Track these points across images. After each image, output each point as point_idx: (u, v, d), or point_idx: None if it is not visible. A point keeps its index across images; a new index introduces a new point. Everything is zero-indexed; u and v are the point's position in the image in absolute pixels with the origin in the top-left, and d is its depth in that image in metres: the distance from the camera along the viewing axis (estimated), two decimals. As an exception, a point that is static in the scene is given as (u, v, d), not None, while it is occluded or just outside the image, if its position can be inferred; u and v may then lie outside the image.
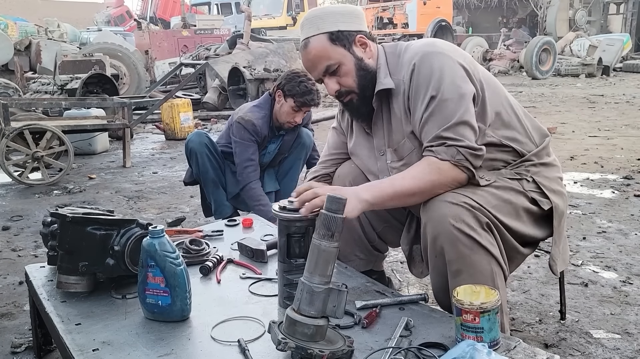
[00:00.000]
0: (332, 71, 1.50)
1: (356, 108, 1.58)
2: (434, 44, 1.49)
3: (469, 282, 1.33)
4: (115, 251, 1.48)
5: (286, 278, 1.34)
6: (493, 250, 1.38)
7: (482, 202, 1.38)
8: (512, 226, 1.43)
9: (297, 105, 2.62)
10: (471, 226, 1.34)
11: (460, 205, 1.34)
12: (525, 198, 1.48)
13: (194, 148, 2.68)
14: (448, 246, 1.36)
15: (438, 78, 1.41)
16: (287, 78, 2.65)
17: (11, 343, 1.88)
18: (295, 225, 1.33)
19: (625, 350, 1.75)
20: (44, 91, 7.28)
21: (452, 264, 1.37)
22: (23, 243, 3.04)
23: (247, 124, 2.64)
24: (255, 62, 8.13)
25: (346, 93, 1.53)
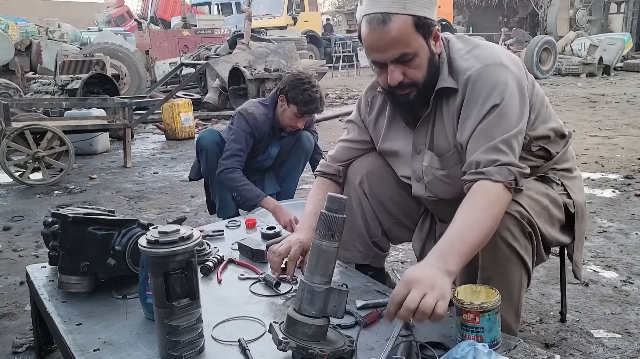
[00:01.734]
0: (403, 60, 1.36)
1: (410, 104, 1.46)
2: (498, 56, 1.42)
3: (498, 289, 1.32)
4: (116, 252, 1.48)
5: (169, 326, 1.15)
6: (527, 259, 1.37)
7: (528, 209, 1.36)
8: (545, 233, 1.42)
9: (299, 112, 2.61)
10: (515, 236, 1.33)
11: (511, 214, 1.32)
12: (556, 204, 1.46)
13: (205, 145, 2.68)
14: (487, 253, 1.32)
15: (500, 93, 1.36)
16: (290, 84, 2.60)
17: (12, 343, 1.88)
18: (174, 260, 1.14)
19: (625, 350, 1.75)
20: (44, 91, 7.29)
21: (486, 270, 1.35)
22: (24, 243, 3.04)
23: (248, 117, 2.62)
24: (256, 62, 8.13)
25: (408, 86, 1.41)
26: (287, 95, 2.59)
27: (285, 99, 2.61)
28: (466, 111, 1.40)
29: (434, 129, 1.50)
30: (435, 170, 1.52)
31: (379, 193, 1.75)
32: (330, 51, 18.60)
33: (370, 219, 1.77)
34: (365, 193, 1.75)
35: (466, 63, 1.41)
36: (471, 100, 1.38)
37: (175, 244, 1.14)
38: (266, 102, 2.74)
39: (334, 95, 10.87)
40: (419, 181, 1.58)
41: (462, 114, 1.41)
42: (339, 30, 23.46)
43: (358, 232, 1.78)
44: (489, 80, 1.37)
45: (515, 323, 1.43)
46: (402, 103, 1.47)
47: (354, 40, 18.22)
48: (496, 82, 1.37)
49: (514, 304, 1.42)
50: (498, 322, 1.16)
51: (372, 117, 1.67)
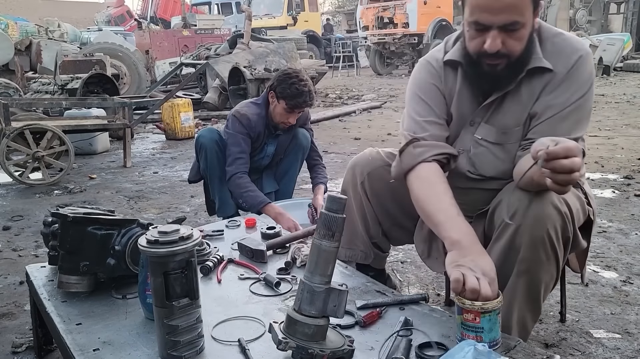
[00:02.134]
0: (511, 29, 1.31)
1: (495, 75, 1.40)
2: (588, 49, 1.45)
3: (532, 285, 1.34)
4: (116, 251, 1.48)
5: (169, 326, 1.15)
6: (560, 266, 1.37)
7: (572, 211, 1.35)
8: (578, 236, 1.42)
9: (288, 107, 2.62)
10: (558, 239, 1.32)
11: (563, 215, 1.31)
12: (583, 209, 1.46)
13: (205, 143, 2.69)
14: (530, 246, 1.31)
15: (589, 87, 1.41)
16: (278, 79, 2.63)
17: (12, 342, 1.88)
18: (174, 260, 1.14)
19: (625, 350, 1.75)
20: (44, 91, 7.29)
21: (523, 263, 1.33)
22: (24, 243, 3.04)
23: (242, 118, 2.65)
24: (256, 61, 8.13)
25: (501, 56, 1.36)
26: (276, 91, 2.62)
27: (275, 95, 2.63)
28: (558, 91, 1.41)
29: (503, 104, 1.47)
30: (487, 143, 1.50)
31: (379, 194, 1.75)
32: (330, 51, 18.62)
33: (370, 220, 1.77)
34: (367, 194, 1.76)
35: (571, 45, 1.43)
36: (569, 84, 1.40)
37: (175, 244, 1.14)
38: (258, 101, 2.76)
39: (334, 95, 10.87)
40: (463, 152, 1.55)
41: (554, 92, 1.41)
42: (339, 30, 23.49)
43: (359, 232, 1.79)
44: (587, 70, 1.41)
45: (532, 322, 1.43)
46: (486, 73, 1.41)
47: (354, 40, 18.24)
48: (591, 74, 1.42)
49: (537, 307, 1.41)
50: (498, 323, 1.16)
51: (448, 87, 1.57)
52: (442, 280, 2.29)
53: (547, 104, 1.42)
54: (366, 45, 16.55)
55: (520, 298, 1.37)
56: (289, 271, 1.64)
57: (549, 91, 1.43)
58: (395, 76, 15.82)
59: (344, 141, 6.08)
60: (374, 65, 16.42)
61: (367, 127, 6.99)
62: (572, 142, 1.12)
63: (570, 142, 1.12)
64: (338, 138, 6.28)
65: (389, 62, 16.60)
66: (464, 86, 1.54)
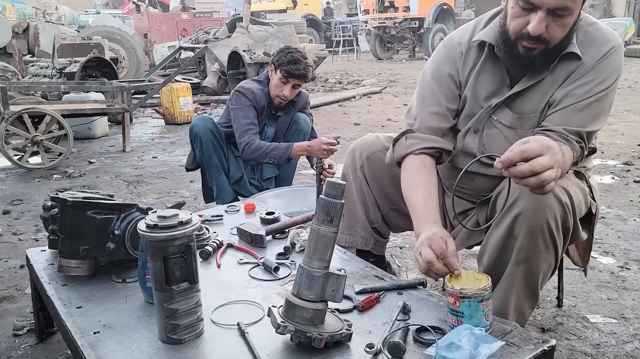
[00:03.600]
0: (559, 14, 1.29)
1: (529, 60, 1.37)
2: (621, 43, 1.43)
3: (530, 273, 1.35)
4: (116, 236, 1.48)
5: (168, 309, 1.16)
6: (559, 255, 1.37)
7: (574, 202, 1.35)
8: (578, 227, 1.42)
9: (283, 75, 2.63)
10: (558, 228, 1.32)
11: (563, 205, 1.31)
12: (586, 201, 1.46)
13: (199, 132, 2.67)
14: (528, 235, 1.31)
15: (614, 81, 1.39)
16: (279, 53, 2.70)
17: (13, 325, 1.90)
18: (173, 244, 1.15)
19: (621, 334, 1.77)
20: (42, 74, 7.25)
21: (522, 252, 1.34)
22: (24, 226, 3.05)
23: (246, 92, 2.67)
24: (255, 45, 8.07)
25: (541, 41, 1.33)
26: (274, 61, 2.67)
27: (273, 67, 2.68)
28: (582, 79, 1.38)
29: (527, 90, 1.46)
30: (502, 125, 1.50)
31: (378, 178, 1.76)
32: (330, 35, 18.47)
33: (370, 204, 1.78)
34: (366, 178, 1.76)
35: (604, 36, 1.40)
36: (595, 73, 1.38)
37: (174, 228, 1.14)
38: (260, 78, 2.81)
39: (333, 80, 10.82)
40: (476, 132, 1.54)
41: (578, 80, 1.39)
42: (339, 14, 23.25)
43: (359, 217, 1.79)
44: (616, 63, 1.40)
45: (530, 309, 1.43)
46: (520, 56, 1.38)
47: (355, 24, 18.09)
48: (619, 67, 1.40)
49: (535, 295, 1.41)
50: (483, 311, 1.15)
51: (467, 69, 1.55)
52: (441, 265, 2.30)
53: (567, 92, 1.39)
54: (366, 29, 16.42)
55: (519, 286, 1.37)
56: (287, 256, 1.65)
57: (572, 80, 1.40)
58: (395, 61, 15.73)
59: (343, 126, 6.06)
60: (374, 50, 16.31)
61: (367, 113, 6.96)
62: (538, 142, 1.12)
63: (536, 141, 1.12)
64: (338, 123, 6.26)
65: (390, 47, 16.48)
66: (486, 67, 1.51)
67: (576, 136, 1.36)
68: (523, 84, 1.46)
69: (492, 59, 1.50)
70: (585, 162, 1.55)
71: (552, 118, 1.40)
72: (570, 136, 1.35)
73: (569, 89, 1.40)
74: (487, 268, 1.42)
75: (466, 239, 1.65)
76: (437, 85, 1.57)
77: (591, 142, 1.43)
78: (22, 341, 1.81)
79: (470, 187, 1.62)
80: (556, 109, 1.40)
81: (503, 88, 1.51)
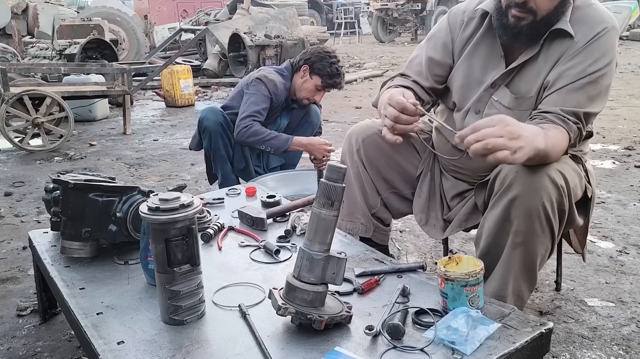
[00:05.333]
0: None
1: (517, 30, 1.42)
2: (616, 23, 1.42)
3: (528, 256, 1.36)
4: (118, 218, 1.49)
5: (170, 291, 1.18)
6: (555, 238, 1.38)
7: (571, 184, 1.36)
8: (574, 211, 1.42)
9: (322, 85, 2.61)
10: (554, 211, 1.33)
11: (558, 187, 1.31)
12: (581, 185, 1.46)
13: (209, 126, 2.63)
14: (525, 218, 1.32)
15: (608, 63, 1.39)
16: (317, 55, 2.61)
17: (17, 306, 1.92)
18: (175, 227, 1.16)
19: (618, 318, 1.79)
20: (42, 56, 7.21)
21: (518, 235, 1.35)
22: (25, 208, 3.06)
23: (269, 83, 2.62)
24: (256, 27, 8.00)
25: (528, 11, 1.38)
26: (313, 66, 2.60)
27: (310, 70, 2.61)
28: (575, 59, 1.39)
29: (523, 69, 1.49)
30: (501, 106, 1.51)
31: (374, 160, 1.76)
32: (332, 17, 18.28)
33: (368, 188, 1.78)
34: (363, 162, 1.76)
35: (599, 16, 1.41)
36: (587, 53, 1.38)
37: (175, 211, 1.15)
38: (284, 72, 2.72)
39: (335, 63, 10.75)
40: (478, 113, 1.56)
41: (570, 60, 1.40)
42: (341, -4, 22.98)
43: (358, 203, 1.79)
44: (609, 44, 1.39)
45: (528, 292, 1.45)
46: (509, 26, 1.43)
47: (356, 6, 17.90)
48: (612, 49, 1.40)
49: (533, 278, 1.42)
50: (467, 296, 1.16)
51: (464, 37, 1.61)
52: (440, 249, 2.32)
53: (561, 74, 1.40)
54: (368, 11, 16.25)
55: (516, 269, 1.38)
56: (288, 239, 1.66)
57: (565, 60, 1.41)
58: (397, 44, 15.60)
59: (344, 110, 6.05)
60: (376, 32, 16.17)
61: (368, 96, 6.93)
62: (491, 117, 1.21)
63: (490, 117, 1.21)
64: (339, 107, 6.24)
65: (392, 29, 16.33)
66: (485, 40, 1.55)
67: (573, 116, 1.36)
68: (519, 61, 1.47)
69: (491, 31, 1.53)
70: (582, 146, 1.56)
71: (547, 101, 1.41)
72: (567, 116, 1.36)
73: (562, 70, 1.40)
74: (484, 251, 1.43)
75: (464, 221, 1.65)
76: (427, 50, 1.67)
77: (589, 124, 1.44)
78: (26, 322, 1.84)
79: (467, 166, 1.63)
80: (551, 91, 1.41)
81: (499, 62, 1.53)
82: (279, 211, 1.84)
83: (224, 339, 1.14)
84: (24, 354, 1.65)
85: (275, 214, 1.83)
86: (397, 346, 1.07)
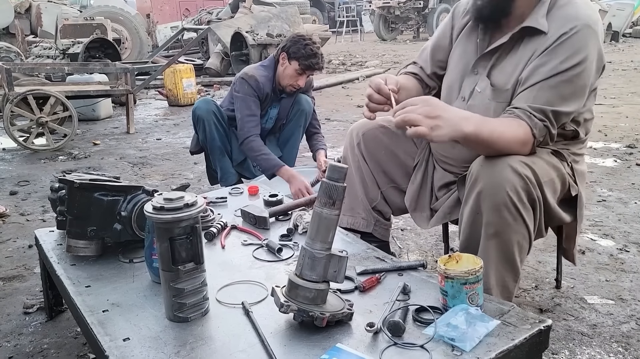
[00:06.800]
0: None
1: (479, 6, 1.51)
2: (597, 22, 1.41)
3: (504, 247, 1.38)
4: (123, 217, 1.51)
5: (175, 289, 1.20)
6: (530, 227, 1.40)
7: (540, 176, 1.38)
8: (550, 203, 1.44)
9: (301, 68, 2.63)
10: (522, 200, 1.35)
11: (523, 177, 1.34)
12: (562, 180, 1.48)
13: (202, 115, 2.69)
14: (493, 210, 1.35)
15: (580, 61, 1.38)
16: (292, 40, 2.66)
17: (23, 303, 1.95)
18: (179, 226, 1.18)
19: (618, 315, 1.80)
20: (46, 55, 7.24)
21: (490, 227, 1.37)
22: (31, 207, 3.09)
23: (250, 79, 2.66)
24: (258, 26, 8.02)
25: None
26: (289, 51, 2.64)
27: (287, 56, 2.65)
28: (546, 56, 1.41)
29: (502, 61, 1.52)
30: (484, 97, 1.54)
31: (375, 154, 1.81)
32: (334, 15, 18.28)
33: (369, 182, 1.82)
34: (363, 155, 1.81)
35: (576, 12, 1.41)
36: (558, 51, 1.40)
37: (180, 210, 1.17)
38: (265, 63, 2.79)
39: (337, 62, 10.75)
40: (464, 100, 1.60)
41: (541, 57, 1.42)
42: (343, -6, 22.94)
43: (359, 197, 1.83)
44: (582, 41, 1.39)
45: (513, 282, 1.46)
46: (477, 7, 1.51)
47: (358, 5, 17.89)
48: (586, 47, 1.39)
49: (515, 267, 1.44)
50: (467, 294, 1.18)
51: (462, 23, 1.68)
52: (441, 248, 2.34)
53: (533, 70, 1.42)
54: (370, 9, 16.24)
55: (495, 260, 1.40)
56: (290, 238, 1.68)
57: (537, 55, 1.43)
58: (399, 42, 15.59)
59: (346, 108, 6.06)
60: (378, 30, 16.16)
61: (370, 94, 6.93)
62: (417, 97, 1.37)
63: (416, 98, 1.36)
64: (340, 105, 6.25)
65: (394, 27, 16.32)
66: (473, 27, 1.62)
67: (540, 113, 1.39)
68: (492, 46, 1.53)
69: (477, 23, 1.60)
70: (572, 147, 1.57)
71: (519, 97, 1.44)
72: (532, 113, 1.38)
73: (535, 66, 1.42)
74: (463, 244, 1.47)
75: (447, 214, 1.69)
76: (433, 38, 1.80)
77: (561, 122, 1.43)
78: (33, 319, 1.86)
79: (452, 156, 1.67)
80: (523, 88, 1.44)
81: (476, 48, 1.59)
82: (281, 210, 1.86)
83: (227, 336, 1.16)
84: (30, 351, 1.67)
85: (278, 213, 1.85)
86: (397, 342, 1.09)
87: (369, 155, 1.80)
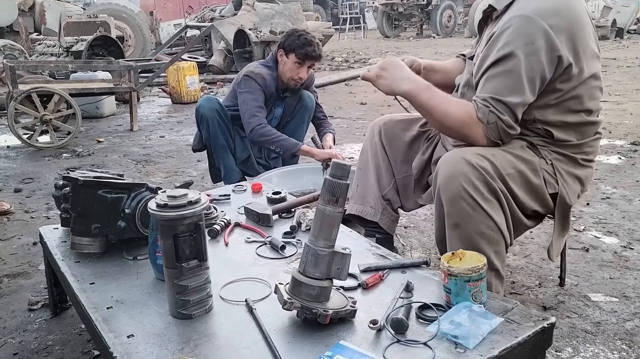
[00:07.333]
0: None
1: None
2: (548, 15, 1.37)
3: (466, 237, 1.40)
4: (126, 214, 1.52)
5: (179, 286, 1.21)
6: (495, 217, 1.40)
7: (500, 168, 1.40)
8: (520, 197, 1.45)
9: (299, 58, 2.64)
10: (478, 190, 1.37)
11: (477, 169, 1.37)
12: (535, 173, 1.48)
13: (205, 113, 2.69)
14: (451, 201, 1.40)
15: (515, 49, 1.37)
16: (286, 35, 2.71)
17: (28, 300, 1.96)
18: (183, 223, 1.18)
19: (622, 313, 1.80)
20: (49, 53, 7.26)
21: (451, 217, 1.42)
22: (35, 204, 3.10)
23: (256, 77, 2.68)
24: (261, 23, 8.02)
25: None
26: (284, 46, 2.67)
27: (284, 51, 2.68)
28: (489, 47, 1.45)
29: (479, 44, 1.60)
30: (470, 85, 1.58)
31: (393, 140, 1.88)
32: (337, 12, 18.25)
33: (384, 168, 1.88)
34: (382, 143, 1.89)
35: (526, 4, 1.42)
36: (497, 40, 1.42)
37: (183, 208, 1.17)
38: (267, 63, 2.80)
39: (340, 59, 10.74)
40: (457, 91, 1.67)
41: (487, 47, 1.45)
42: (346, -9, 22.89)
43: (371, 185, 1.89)
44: (517, 32, 1.38)
45: (495, 278, 1.45)
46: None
47: (362, 1, 17.85)
48: (518, 37, 1.38)
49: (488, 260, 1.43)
50: (470, 291, 1.17)
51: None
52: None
53: (483, 58, 1.46)
54: (374, 6, 16.20)
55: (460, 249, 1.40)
56: (294, 235, 1.68)
57: (490, 43, 1.45)
58: (403, 39, 15.55)
59: (349, 106, 6.05)
60: (382, 27, 16.13)
61: (373, 92, 6.91)
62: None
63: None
64: (344, 102, 6.25)
65: (397, 24, 16.29)
66: None
67: (483, 100, 1.43)
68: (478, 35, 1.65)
69: None
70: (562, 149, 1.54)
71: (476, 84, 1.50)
72: (477, 99, 1.45)
73: (484, 55, 1.46)
74: (436, 233, 1.53)
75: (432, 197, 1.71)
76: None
77: (510, 112, 1.41)
78: (37, 316, 1.87)
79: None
80: (476, 79, 1.49)
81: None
82: (284, 208, 1.86)
83: (231, 333, 1.17)
84: (35, 348, 1.68)
85: (281, 210, 1.85)
86: (400, 340, 1.09)
87: (388, 142, 1.89)
